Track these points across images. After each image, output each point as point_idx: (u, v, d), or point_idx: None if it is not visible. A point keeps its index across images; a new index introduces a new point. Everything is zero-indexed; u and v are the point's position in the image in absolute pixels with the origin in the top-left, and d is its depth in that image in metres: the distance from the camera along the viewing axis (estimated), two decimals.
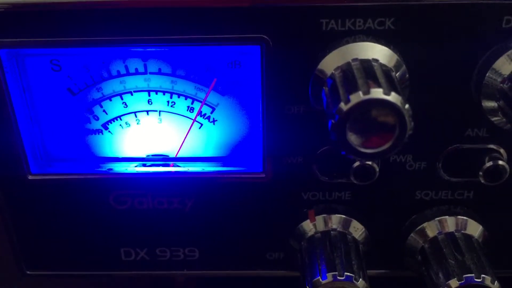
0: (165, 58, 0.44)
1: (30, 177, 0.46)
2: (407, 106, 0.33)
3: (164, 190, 0.47)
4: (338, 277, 0.41)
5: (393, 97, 0.33)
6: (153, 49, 0.43)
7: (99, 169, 0.47)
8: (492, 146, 0.43)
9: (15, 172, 0.46)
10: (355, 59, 0.37)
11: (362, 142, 0.34)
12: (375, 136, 0.34)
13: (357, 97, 0.33)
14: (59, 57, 0.44)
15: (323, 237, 0.45)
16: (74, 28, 0.40)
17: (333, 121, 0.34)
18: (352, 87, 0.34)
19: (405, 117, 0.33)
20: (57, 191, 0.47)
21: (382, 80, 0.35)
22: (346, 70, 0.37)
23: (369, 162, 0.42)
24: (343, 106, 0.33)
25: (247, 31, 0.39)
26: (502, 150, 0.43)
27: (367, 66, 0.37)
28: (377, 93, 0.33)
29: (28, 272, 0.51)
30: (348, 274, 0.41)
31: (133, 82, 0.45)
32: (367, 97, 0.33)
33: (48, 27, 0.40)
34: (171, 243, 0.50)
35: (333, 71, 0.38)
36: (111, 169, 0.47)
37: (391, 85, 0.34)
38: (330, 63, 0.39)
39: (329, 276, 0.41)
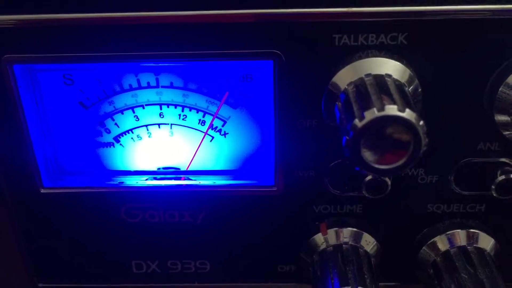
0: (177, 72, 0.44)
1: (42, 191, 0.46)
2: (421, 122, 0.33)
3: (175, 203, 0.47)
4: None
5: (408, 114, 0.33)
6: (165, 64, 0.43)
7: (111, 182, 0.47)
8: (504, 159, 0.43)
9: (27, 186, 0.46)
10: (368, 75, 0.38)
11: (376, 159, 0.34)
12: (390, 153, 0.34)
13: (371, 114, 0.33)
14: (72, 72, 0.44)
15: (335, 251, 0.45)
16: (86, 43, 0.40)
17: (347, 137, 0.34)
18: (366, 103, 0.34)
19: (419, 134, 0.33)
20: (69, 204, 0.47)
21: (396, 96, 0.35)
22: (360, 86, 0.37)
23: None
24: (358, 123, 0.33)
25: (259, 46, 0.39)
26: None
27: (381, 81, 0.37)
28: (392, 109, 0.33)
29: (40, 285, 0.51)
30: None
31: (145, 95, 0.45)
32: (382, 114, 0.33)
33: (61, 42, 0.40)
34: (182, 255, 0.50)
35: (346, 86, 0.38)
36: (122, 182, 0.47)
37: (406, 101, 0.34)
38: (343, 78, 0.39)
39: None
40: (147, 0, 0.38)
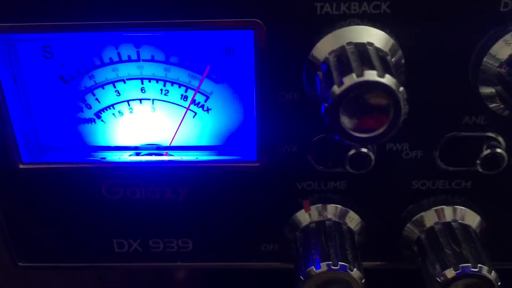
0: (158, 45, 0.43)
1: (21, 166, 0.45)
2: (401, 89, 0.33)
3: (157, 180, 0.46)
4: (332, 267, 0.40)
5: (387, 80, 0.32)
6: (146, 34, 0.42)
7: (92, 158, 0.47)
8: (490, 134, 0.42)
9: (6, 161, 0.45)
10: (349, 43, 0.37)
11: (355, 125, 0.33)
12: (369, 120, 0.33)
13: (350, 79, 0.33)
14: (51, 43, 0.43)
15: (318, 227, 0.44)
16: (66, 12, 0.39)
17: (326, 104, 0.33)
18: (345, 70, 0.34)
19: (399, 100, 0.33)
20: (48, 180, 0.46)
21: (376, 63, 0.34)
22: (340, 54, 0.36)
23: (365, 150, 0.41)
24: (336, 89, 0.33)
25: (240, 15, 0.39)
26: (500, 138, 0.42)
27: (362, 49, 0.36)
28: (371, 75, 0.32)
29: (20, 264, 0.51)
30: (343, 263, 0.41)
31: (125, 69, 0.44)
32: (361, 79, 0.32)
33: (40, 11, 0.39)
34: (164, 234, 0.49)
35: (327, 55, 0.37)
36: (103, 158, 0.47)
37: (386, 68, 0.34)
38: (325, 47, 0.38)
39: (323, 265, 0.41)
40: None
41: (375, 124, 0.33)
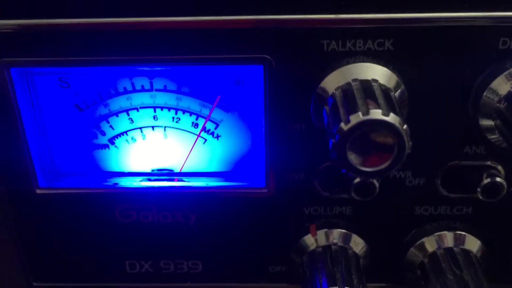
0: (171, 76, 0.45)
1: (38, 191, 0.47)
2: (405, 126, 0.34)
3: (168, 204, 0.48)
4: None
5: (392, 118, 0.34)
6: (159, 68, 0.44)
7: (106, 183, 0.48)
8: (490, 163, 0.44)
9: (23, 186, 0.47)
10: (355, 80, 0.39)
11: (361, 161, 0.35)
12: (374, 156, 0.35)
13: (356, 117, 0.34)
14: (68, 75, 0.45)
15: (324, 252, 0.46)
16: (82, 48, 0.41)
17: (333, 140, 0.35)
18: (352, 108, 0.35)
19: (403, 137, 0.34)
20: (64, 204, 0.48)
21: (381, 100, 0.36)
22: (346, 90, 0.38)
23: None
24: (343, 126, 0.34)
25: (250, 51, 0.40)
26: (499, 167, 0.44)
27: (367, 86, 0.38)
28: (377, 113, 0.34)
29: (34, 284, 0.52)
30: None
31: (139, 98, 0.46)
32: (366, 117, 0.34)
33: (57, 46, 0.41)
34: (175, 255, 0.51)
35: (334, 91, 0.39)
36: (117, 183, 0.48)
37: (390, 106, 0.35)
38: (331, 82, 0.40)
39: None
40: (142, 5, 0.39)
41: (380, 160, 0.35)
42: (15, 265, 0.51)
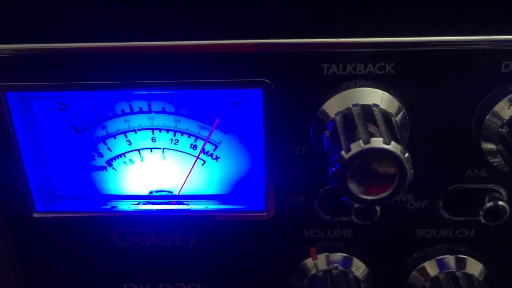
0: (169, 99, 0.44)
1: (35, 215, 0.47)
2: (407, 155, 0.34)
3: (167, 228, 0.47)
4: None
5: (393, 147, 0.33)
6: (157, 92, 0.43)
7: (103, 206, 0.48)
8: (492, 186, 0.43)
9: (20, 210, 0.46)
10: (355, 105, 0.38)
11: (362, 190, 0.34)
12: (376, 184, 0.34)
13: (357, 146, 0.34)
14: (65, 99, 0.44)
15: (325, 276, 0.45)
16: (79, 72, 0.41)
17: (334, 168, 0.34)
18: (352, 135, 0.35)
19: (405, 166, 0.34)
20: (61, 228, 0.47)
21: (382, 127, 0.35)
22: (347, 116, 0.37)
23: None
24: (344, 155, 0.34)
25: (249, 75, 0.40)
26: (502, 190, 0.43)
27: (368, 111, 0.37)
28: (378, 142, 0.34)
29: None
30: None
31: (137, 120, 0.46)
32: (367, 146, 0.34)
33: (53, 71, 0.41)
34: (174, 279, 0.50)
35: (334, 116, 0.39)
36: (115, 206, 0.48)
37: (391, 133, 0.35)
38: (332, 107, 0.39)
39: None
40: (139, 30, 0.39)
41: (382, 189, 0.34)
42: None
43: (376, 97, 0.39)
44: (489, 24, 0.38)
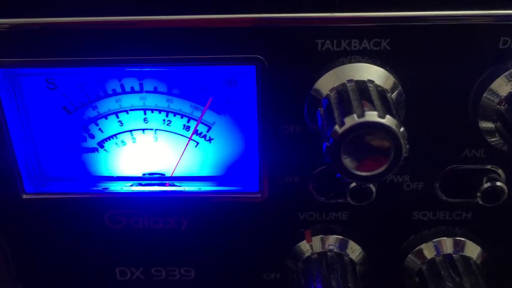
0: (161, 77, 0.43)
1: (24, 196, 0.46)
2: (402, 129, 0.33)
3: (159, 210, 0.46)
4: None
5: (388, 120, 0.33)
6: (149, 69, 0.43)
7: (94, 188, 0.47)
8: (490, 167, 0.42)
9: (9, 191, 0.45)
10: (350, 80, 0.37)
11: (356, 165, 0.33)
12: (370, 159, 0.33)
13: (351, 120, 0.33)
14: (55, 76, 0.44)
15: (320, 258, 0.45)
16: (70, 47, 0.40)
17: (327, 144, 0.34)
18: (346, 110, 0.34)
19: (400, 140, 0.33)
20: (51, 210, 0.47)
21: (377, 102, 0.34)
22: (341, 92, 0.37)
23: None
24: (338, 129, 0.33)
25: (242, 51, 0.39)
26: (500, 171, 0.43)
27: (362, 87, 0.36)
28: (372, 116, 0.33)
29: None
30: None
31: (128, 100, 0.45)
32: (361, 120, 0.33)
33: (43, 46, 0.40)
34: (166, 262, 0.49)
35: (329, 92, 0.38)
36: (106, 188, 0.47)
37: (386, 108, 0.34)
38: (326, 83, 0.39)
39: None
40: (131, 4, 0.38)
41: (376, 164, 0.33)
42: (1, 272, 0.50)
43: (371, 73, 0.38)
44: None
